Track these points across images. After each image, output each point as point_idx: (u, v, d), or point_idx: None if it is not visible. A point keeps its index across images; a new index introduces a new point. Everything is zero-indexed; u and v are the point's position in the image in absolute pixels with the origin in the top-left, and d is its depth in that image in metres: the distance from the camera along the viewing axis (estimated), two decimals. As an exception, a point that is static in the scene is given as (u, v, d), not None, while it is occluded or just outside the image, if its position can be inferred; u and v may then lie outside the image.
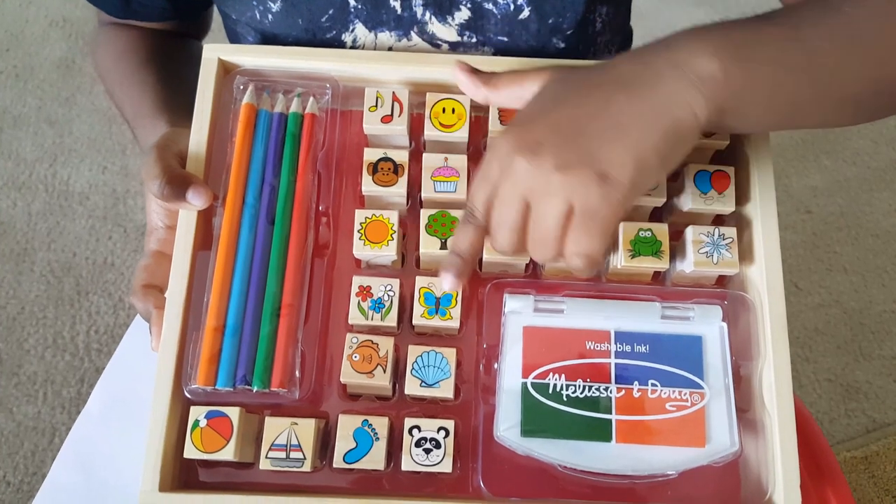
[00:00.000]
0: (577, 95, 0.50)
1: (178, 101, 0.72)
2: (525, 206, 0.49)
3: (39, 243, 1.71)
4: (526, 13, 0.69)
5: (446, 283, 0.53)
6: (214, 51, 0.64)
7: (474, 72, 0.58)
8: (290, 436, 0.56)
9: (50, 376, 1.57)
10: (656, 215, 0.64)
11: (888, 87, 0.54)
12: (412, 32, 0.71)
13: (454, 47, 0.72)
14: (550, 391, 0.58)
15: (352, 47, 0.72)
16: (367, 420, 0.56)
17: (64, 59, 1.96)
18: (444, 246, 0.60)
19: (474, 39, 0.72)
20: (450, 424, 0.56)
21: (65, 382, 1.56)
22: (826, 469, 0.73)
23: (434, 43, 0.72)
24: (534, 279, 0.63)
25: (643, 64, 0.50)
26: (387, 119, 0.62)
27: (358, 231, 0.60)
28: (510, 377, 0.58)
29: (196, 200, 0.59)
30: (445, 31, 0.71)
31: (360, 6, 0.69)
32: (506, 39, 0.71)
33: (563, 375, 0.58)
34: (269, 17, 0.70)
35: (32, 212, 1.75)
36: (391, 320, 0.59)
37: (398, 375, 0.59)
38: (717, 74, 0.48)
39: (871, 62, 0.53)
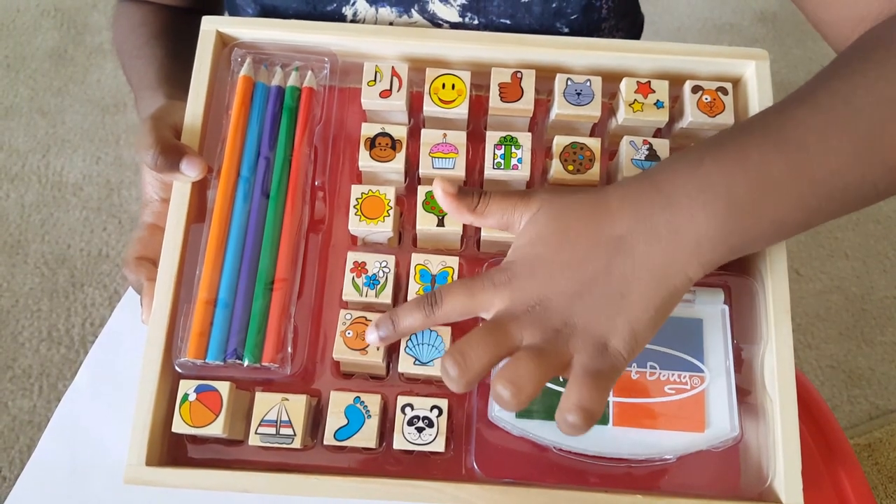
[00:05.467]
0: (576, 252, 0.49)
1: (180, 75, 0.71)
2: (501, 356, 0.47)
3: (33, 235, 1.70)
4: (529, -5, 0.68)
5: (370, 338, 0.54)
6: (212, 23, 0.63)
7: (459, 195, 0.52)
8: (280, 411, 0.55)
9: (45, 370, 1.56)
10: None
11: None
12: (413, 10, 0.70)
13: (455, 28, 0.71)
14: (547, 371, 0.56)
15: (352, 21, 0.71)
16: (359, 397, 0.55)
17: (56, 49, 1.95)
18: (440, 223, 0.59)
19: (476, 21, 0.71)
20: (443, 403, 0.55)
21: (60, 376, 1.55)
22: (838, 452, 0.72)
23: (435, 22, 0.71)
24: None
25: (643, 224, 0.49)
26: (385, 94, 0.61)
27: (354, 206, 0.59)
28: (506, 357, 0.57)
29: (190, 171, 0.58)
30: (447, 11, 0.70)
31: None
32: (508, 22, 0.71)
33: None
34: (269, -11, 0.69)
35: (25, 203, 1.74)
36: (386, 297, 0.57)
37: (392, 354, 0.58)
38: (716, 238, 0.48)
39: (891, 162, 0.50)
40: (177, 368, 0.56)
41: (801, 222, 0.51)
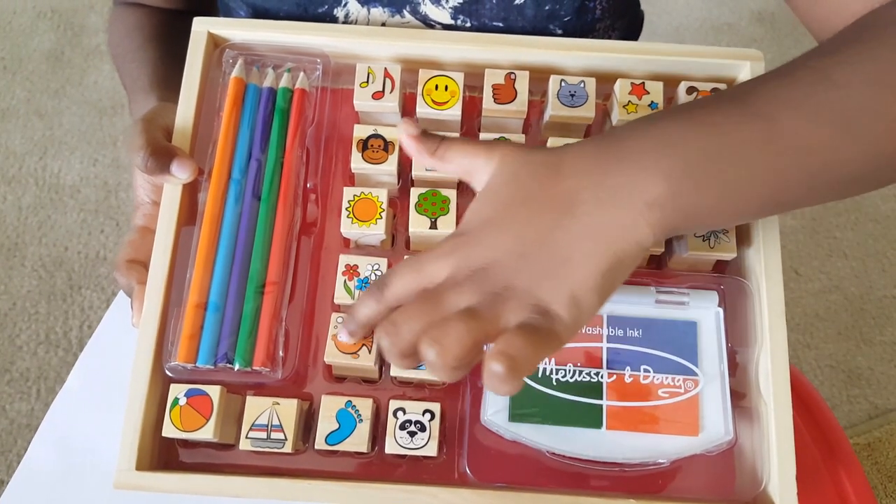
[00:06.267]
0: (523, 212, 0.47)
1: (174, 78, 0.71)
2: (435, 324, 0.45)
3: (30, 237, 1.70)
4: (522, -2, 0.68)
5: (341, 338, 0.52)
6: (204, 24, 0.63)
7: (422, 138, 0.52)
8: (271, 416, 0.54)
9: (43, 373, 1.56)
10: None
11: (889, 161, 0.50)
12: (405, 11, 0.70)
13: (447, 30, 0.71)
14: (540, 375, 0.56)
15: (344, 22, 0.70)
16: (350, 401, 0.55)
17: (53, 51, 1.95)
18: (433, 225, 0.58)
19: (468, 24, 0.70)
20: (435, 407, 0.55)
21: (58, 379, 1.55)
22: (838, 451, 0.72)
23: (427, 23, 0.70)
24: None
25: (592, 181, 0.47)
26: (378, 95, 0.61)
27: (346, 209, 0.59)
28: (499, 360, 0.56)
29: (180, 173, 0.58)
30: (439, 13, 0.70)
31: None
32: (501, 25, 0.70)
33: (552, 359, 0.56)
34: (261, -9, 0.69)
35: (23, 205, 1.73)
36: (378, 300, 0.57)
37: (384, 357, 0.58)
38: (669, 199, 0.46)
39: (868, 141, 0.48)
40: (167, 372, 0.55)
41: (765, 199, 0.49)
